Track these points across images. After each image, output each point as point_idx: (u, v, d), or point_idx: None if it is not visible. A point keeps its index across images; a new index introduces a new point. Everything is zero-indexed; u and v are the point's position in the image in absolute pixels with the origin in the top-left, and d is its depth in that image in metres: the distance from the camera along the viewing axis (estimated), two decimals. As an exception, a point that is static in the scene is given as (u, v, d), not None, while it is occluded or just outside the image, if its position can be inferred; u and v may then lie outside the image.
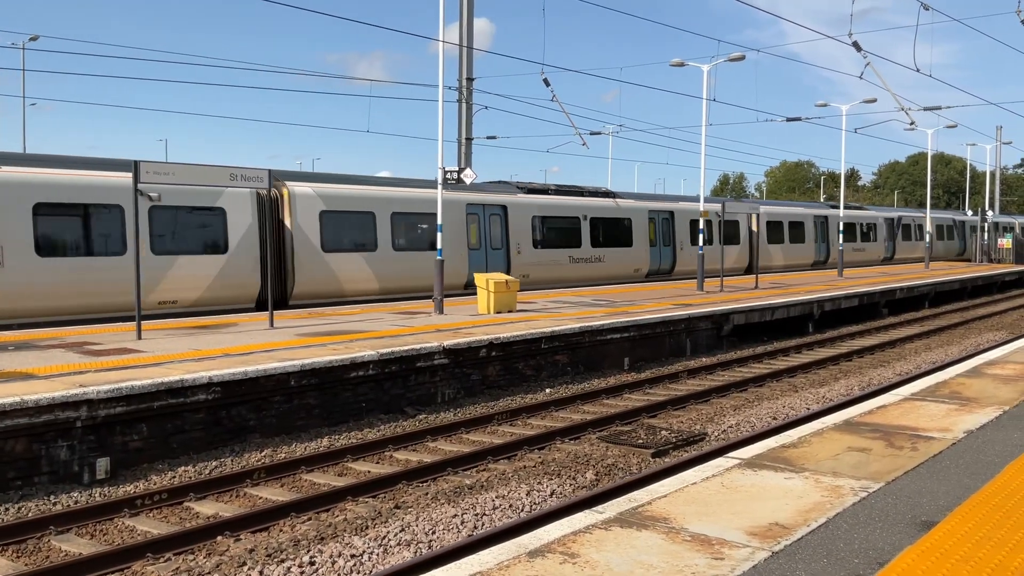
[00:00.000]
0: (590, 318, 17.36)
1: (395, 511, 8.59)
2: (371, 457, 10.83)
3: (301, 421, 11.79)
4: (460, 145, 29.63)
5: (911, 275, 35.60)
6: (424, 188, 22.93)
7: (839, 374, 17.22)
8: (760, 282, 28.87)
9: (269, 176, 15.45)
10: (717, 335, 20.00)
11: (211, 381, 10.68)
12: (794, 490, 6.21)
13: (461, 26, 29.07)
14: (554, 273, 26.66)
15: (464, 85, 29.42)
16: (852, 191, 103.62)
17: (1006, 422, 8.44)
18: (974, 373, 11.56)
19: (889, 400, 9.72)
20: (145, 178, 13.54)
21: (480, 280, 18.86)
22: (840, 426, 8.35)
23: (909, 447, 7.45)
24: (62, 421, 9.34)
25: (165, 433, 10.36)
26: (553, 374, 15.71)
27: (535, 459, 10.68)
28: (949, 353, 19.97)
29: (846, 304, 25.58)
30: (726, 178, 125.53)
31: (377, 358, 12.62)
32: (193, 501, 9.11)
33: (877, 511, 5.71)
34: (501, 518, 8.47)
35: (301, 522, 8.45)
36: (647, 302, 21.29)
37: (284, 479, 9.92)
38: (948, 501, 5.92)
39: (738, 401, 14.40)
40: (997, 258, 52.00)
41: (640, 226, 29.82)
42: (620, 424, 12.56)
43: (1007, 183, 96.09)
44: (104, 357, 11.90)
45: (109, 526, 8.41)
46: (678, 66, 26.96)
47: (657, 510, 5.77)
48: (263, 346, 13.12)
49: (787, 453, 7.29)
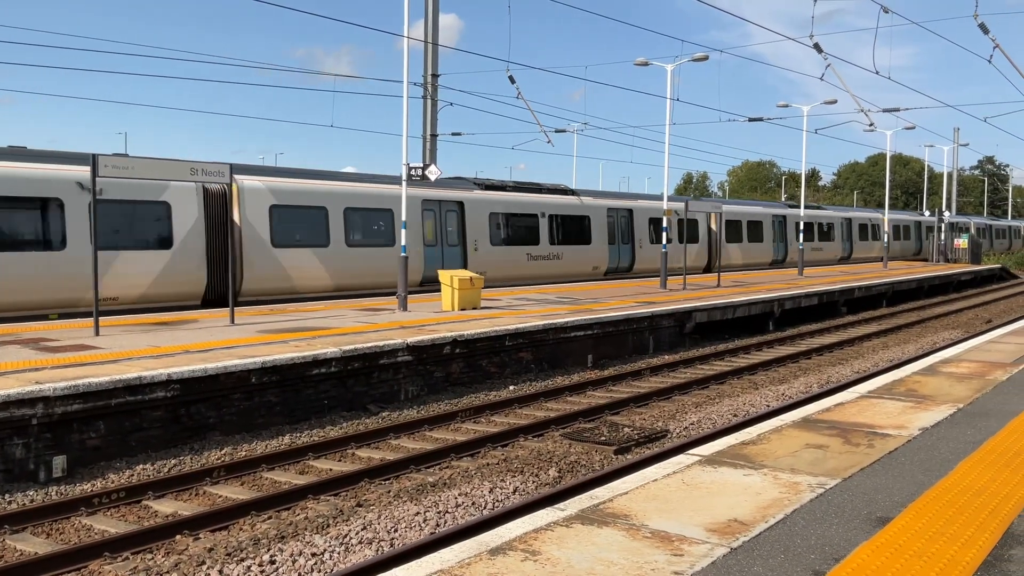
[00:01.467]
0: (554, 315, 17.41)
1: (357, 509, 8.56)
2: (333, 455, 10.77)
3: (262, 419, 11.70)
4: (425, 141, 29.54)
5: (869, 274, 36.13)
6: (382, 184, 22.90)
7: (799, 372, 17.44)
8: (722, 280, 29.13)
9: (230, 171, 15.28)
10: (680, 333, 20.15)
11: (170, 378, 10.55)
12: (753, 487, 6.28)
13: (426, 23, 28.97)
14: (512, 271, 26.55)
15: (429, 81, 29.32)
16: (812, 191, 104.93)
17: (960, 419, 8.60)
18: (930, 371, 11.77)
19: (847, 398, 9.86)
20: (103, 172, 13.34)
21: (444, 277, 18.83)
22: (799, 423, 8.46)
23: (866, 444, 7.57)
24: (17, 419, 9.17)
25: (123, 431, 10.22)
26: (517, 371, 15.74)
27: (498, 456, 10.70)
28: (906, 351, 20.31)
29: (806, 303, 25.91)
30: (689, 177, 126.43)
31: (340, 355, 12.55)
32: (152, 500, 9.00)
33: (834, 507, 5.80)
34: (464, 516, 8.48)
35: (261, 521, 8.39)
36: (611, 299, 21.39)
37: (244, 477, 9.83)
38: (903, 497, 6.03)
39: (700, 398, 14.52)
40: (953, 258, 52.96)
41: (599, 224, 29.84)
42: (583, 421, 12.61)
43: (964, 184, 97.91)
44: (61, 354, 11.71)
45: (66, 525, 8.29)
46: (642, 65, 27.09)
47: (618, 507, 5.81)
48: (224, 343, 12.99)
49: (747, 450, 7.38)
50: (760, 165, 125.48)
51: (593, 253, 29.69)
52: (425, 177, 19.54)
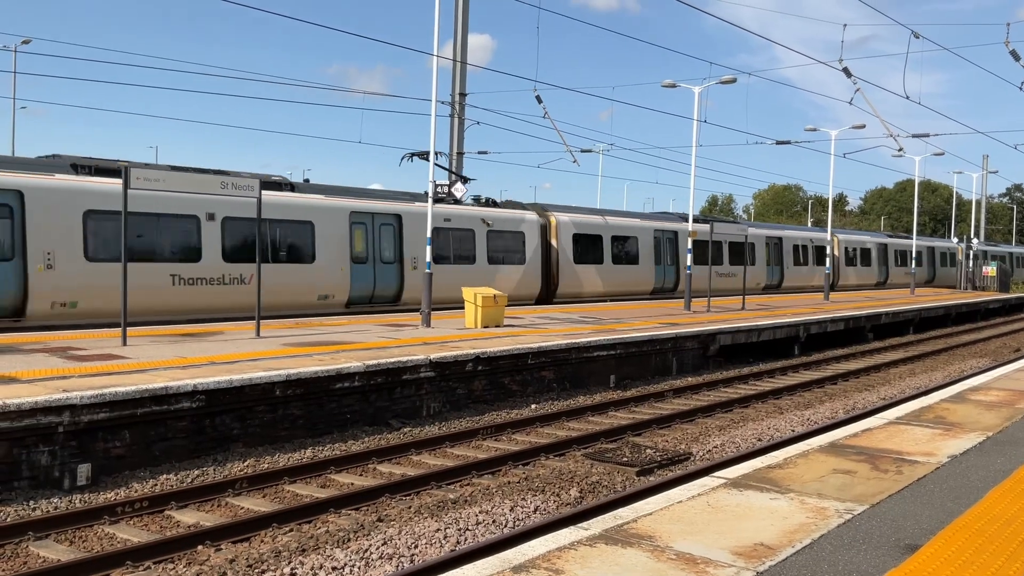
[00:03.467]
0: (577, 334, 17.36)
1: (378, 524, 8.54)
2: (355, 469, 10.77)
3: (285, 431, 11.73)
4: (451, 159, 29.67)
5: (897, 300, 35.80)
6: (632, 218, 30.76)
7: (824, 397, 17.26)
8: (747, 303, 28.98)
9: (259, 185, 15.40)
10: (703, 355, 20.03)
11: (196, 389, 10.61)
12: (779, 511, 6.21)
13: (455, 42, 29.19)
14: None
15: (457, 100, 29.50)
16: (839, 216, 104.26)
17: (989, 448, 8.47)
18: (958, 399, 11.61)
19: (874, 423, 9.75)
20: (135, 184, 13.50)
21: (468, 294, 18.85)
22: (825, 448, 8.36)
23: (894, 470, 7.47)
24: (44, 426, 9.25)
25: (148, 440, 10.28)
26: (539, 390, 15.69)
27: (519, 475, 10.65)
28: (933, 378, 20.06)
29: (832, 328, 25.68)
30: (715, 199, 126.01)
31: (363, 369, 12.57)
32: (174, 510, 9.03)
33: (861, 533, 5.72)
34: (484, 533, 8.43)
35: (283, 533, 8.39)
36: (634, 320, 21.31)
37: (266, 489, 9.85)
38: (932, 525, 5.94)
39: (723, 421, 14.40)
40: (981, 286, 52.35)
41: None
42: (605, 441, 12.54)
43: (992, 211, 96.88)
44: (88, 363, 11.82)
45: (89, 533, 8.33)
46: (670, 87, 27.11)
47: (642, 528, 5.76)
48: (249, 355, 13.06)
49: (773, 474, 7.30)
50: (786, 189, 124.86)
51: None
52: (450, 194, 19.60)
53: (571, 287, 28.27)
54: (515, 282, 26.28)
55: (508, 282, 25.88)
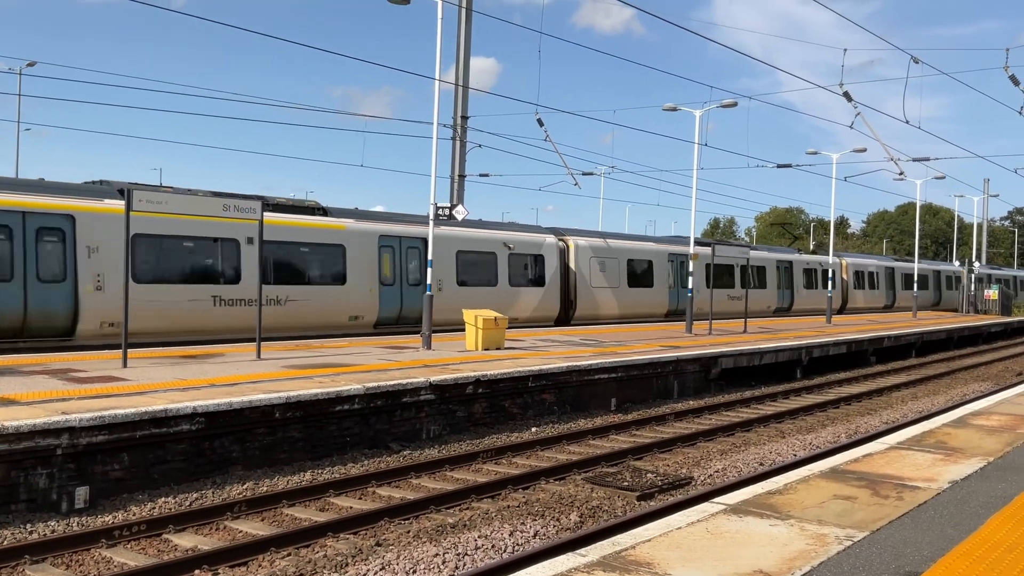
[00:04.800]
0: (578, 357, 17.34)
1: (376, 549, 8.50)
2: (354, 493, 10.72)
3: (284, 454, 11.69)
4: (453, 182, 29.77)
5: (899, 324, 35.76)
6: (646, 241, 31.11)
7: (826, 421, 17.20)
8: (753, 326, 28.95)
9: (261, 207, 15.46)
10: (705, 378, 19.98)
11: (195, 411, 10.59)
12: (779, 537, 6.17)
13: (457, 66, 29.39)
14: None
15: (459, 123, 29.63)
16: (841, 239, 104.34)
17: (991, 473, 8.43)
18: (960, 423, 11.57)
19: (875, 448, 9.70)
20: (138, 206, 13.56)
21: (469, 316, 18.85)
22: (826, 473, 8.32)
23: (894, 496, 7.43)
24: (42, 448, 9.23)
25: (147, 463, 10.25)
26: (539, 413, 15.65)
27: (519, 499, 10.60)
28: (935, 402, 19.99)
29: (834, 351, 25.63)
30: (716, 222, 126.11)
31: (363, 392, 12.55)
32: (172, 533, 8.99)
33: (861, 560, 5.68)
34: (483, 558, 8.38)
35: (281, 557, 8.34)
36: (635, 343, 21.29)
37: (265, 513, 9.81)
38: (932, 552, 5.90)
39: (725, 445, 14.35)
40: (984, 309, 52.27)
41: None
42: (606, 465, 12.49)
43: (994, 235, 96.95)
44: (88, 384, 11.81)
45: (85, 556, 8.29)
46: (671, 110, 27.23)
47: (641, 555, 5.73)
48: (249, 377, 13.05)
49: (773, 500, 7.26)
50: (788, 212, 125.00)
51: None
52: (452, 216, 19.64)
53: (588, 309, 28.65)
54: (535, 304, 26.71)
55: (528, 304, 26.47)
